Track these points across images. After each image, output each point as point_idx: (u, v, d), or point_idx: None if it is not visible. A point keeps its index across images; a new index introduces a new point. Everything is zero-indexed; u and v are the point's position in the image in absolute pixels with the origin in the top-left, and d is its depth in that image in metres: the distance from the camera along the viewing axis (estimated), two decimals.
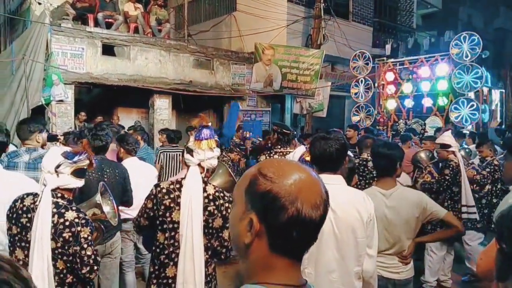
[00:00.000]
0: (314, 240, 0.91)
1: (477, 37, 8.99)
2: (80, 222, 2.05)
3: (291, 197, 0.84)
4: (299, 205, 0.83)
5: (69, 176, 2.09)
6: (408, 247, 2.58)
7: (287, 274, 0.89)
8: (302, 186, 0.85)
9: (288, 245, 0.88)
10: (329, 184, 2.03)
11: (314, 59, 10.70)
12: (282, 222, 0.84)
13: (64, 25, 7.95)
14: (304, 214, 0.83)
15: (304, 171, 0.89)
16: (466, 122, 9.21)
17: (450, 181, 4.38)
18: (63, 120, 7.92)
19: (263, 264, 0.89)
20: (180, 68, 9.62)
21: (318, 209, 0.85)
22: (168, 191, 2.36)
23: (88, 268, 2.05)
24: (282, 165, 0.91)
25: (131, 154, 3.88)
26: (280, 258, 0.88)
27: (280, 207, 0.84)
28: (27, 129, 3.15)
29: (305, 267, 2.01)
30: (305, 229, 0.85)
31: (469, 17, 21.79)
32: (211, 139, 2.36)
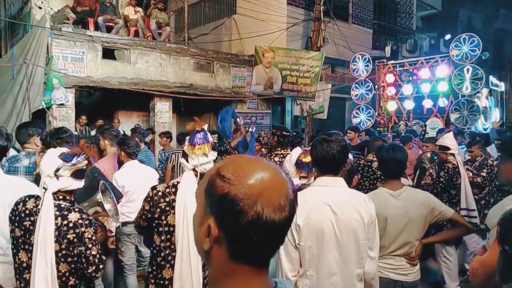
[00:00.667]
0: (279, 244, 0.84)
1: (477, 39, 9.00)
2: (84, 223, 2.07)
3: (250, 199, 0.77)
4: (259, 208, 0.77)
5: (69, 178, 2.10)
6: (416, 248, 2.59)
7: (251, 282, 0.83)
8: (263, 187, 0.79)
9: (249, 252, 0.81)
10: (330, 186, 2.07)
11: (314, 61, 10.72)
12: (241, 227, 0.78)
13: (65, 29, 7.97)
14: (265, 218, 0.77)
15: (268, 170, 0.82)
16: (467, 123, 9.21)
17: (444, 183, 4.33)
18: (64, 124, 7.91)
19: (225, 272, 0.84)
20: (180, 71, 9.63)
21: (282, 211, 0.79)
22: (164, 194, 2.37)
23: (94, 268, 2.07)
24: (244, 164, 0.83)
25: (132, 158, 3.88)
26: (242, 266, 0.82)
27: (239, 211, 0.77)
28: (25, 133, 3.16)
29: (307, 269, 2.01)
30: (267, 233, 0.79)
31: (469, 18, 21.81)
32: (204, 144, 2.35)
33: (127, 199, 3.80)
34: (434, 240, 3.21)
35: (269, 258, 0.86)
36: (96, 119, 8.62)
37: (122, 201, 3.78)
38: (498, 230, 1.21)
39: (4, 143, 2.64)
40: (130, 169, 3.81)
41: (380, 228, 2.52)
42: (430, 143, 5.56)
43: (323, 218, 1.99)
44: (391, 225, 2.53)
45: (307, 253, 2.00)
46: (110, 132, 4.25)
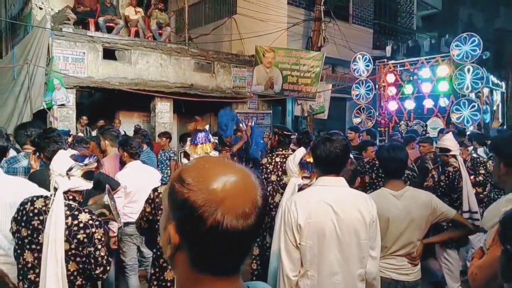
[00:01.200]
0: (245, 251, 0.79)
1: (478, 38, 8.99)
2: (94, 223, 2.09)
3: (210, 206, 0.73)
4: (219, 215, 0.72)
5: (79, 179, 2.13)
6: (417, 248, 2.60)
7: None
8: (226, 193, 0.74)
9: (212, 260, 0.77)
10: (331, 186, 2.07)
11: (315, 61, 10.72)
12: (201, 234, 0.74)
13: (65, 30, 7.98)
14: (226, 225, 0.72)
15: (234, 174, 0.77)
16: (468, 123, 9.20)
17: (445, 188, 4.26)
18: (64, 124, 7.93)
19: (188, 280, 0.80)
20: (181, 72, 9.64)
21: (246, 218, 0.74)
22: None
23: (101, 269, 2.09)
24: (208, 167, 0.78)
25: (135, 158, 3.88)
26: (205, 275, 0.78)
27: (198, 218, 0.73)
28: (24, 133, 3.15)
29: (308, 269, 2.01)
30: (229, 241, 0.74)
31: (469, 17, 21.80)
32: (206, 143, 2.36)
33: (130, 199, 3.80)
34: (435, 240, 3.21)
35: (236, 266, 0.80)
36: (97, 120, 8.62)
37: (125, 202, 3.78)
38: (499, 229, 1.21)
39: (4, 144, 2.65)
40: (132, 170, 3.81)
41: (382, 228, 2.52)
42: (427, 143, 5.48)
43: (324, 217, 1.99)
44: (393, 226, 2.53)
45: (308, 253, 2.00)
46: (110, 132, 4.25)
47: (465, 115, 9.18)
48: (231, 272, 0.80)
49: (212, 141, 2.44)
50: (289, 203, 2.06)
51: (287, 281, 2.01)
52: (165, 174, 6.28)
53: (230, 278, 0.80)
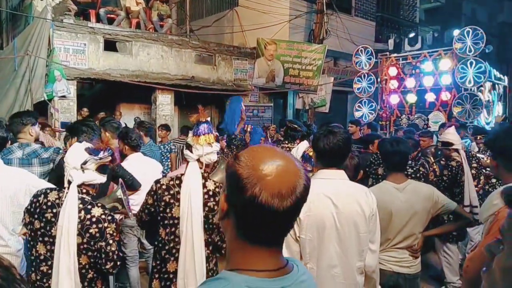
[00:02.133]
0: (283, 229, 0.90)
1: (481, 32, 8.93)
2: (106, 218, 2.09)
3: (252, 180, 0.84)
4: (257, 190, 0.83)
5: (94, 172, 2.12)
6: (418, 241, 2.62)
7: (259, 259, 0.89)
8: (268, 173, 0.84)
9: (251, 230, 0.88)
10: (331, 179, 2.06)
11: (317, 54, 10.67)
12: (242, 205, 0.85)
13: (66, 21, 7.94)
14: (261, 200, 0.82)
15: (281, 160, 0.87)
16: (469, 117, 9.17)
17: (447, 182, 4.26)
18: (65, 116, 7.93)
19: (233, 245, 0.92)
20: (182, 64, 9.60)
21: (282, 198, 0.83)
22: (168, 187, 2.36)
23: (112, 264, 2.09)
24: (260, 151, 0.91)
25: (136, 150, 3.87)
26: (246, 242, 0.89)
27: (240, 189, 0.84)
28: (20, 122, 3.13)
29: (307, 262, 2.01)
30: (264, 216, 0.84)
31: (473, 11, 21.65)
32: (209, 134, 2.35)
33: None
34: (435, 233, 3.22)
35: (275, 240, 0.91)
36: (98, 112, 8.61)
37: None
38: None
39: (4, 134, 2.64)
40: (133, 162, 3.80)
41: (385, 221, 2.53)
42: (427, 137, 5.46)
43: (324, 210, 1.99)
44: (396, 219, 2.55)
45: (308, 245, 2.00)
46: (111, 124, 4.23)
47: (467, 109, 9.15)
48: (270, 244, 0.90)
49: (214, 133, 2.44)
50: None
51: None
52: (165, 167, 6.26)
53: (270, 248, 0.90)
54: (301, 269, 0.97)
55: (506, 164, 1.84)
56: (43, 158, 3.07)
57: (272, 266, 0.90)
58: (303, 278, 0.95)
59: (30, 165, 2.96)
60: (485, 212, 1.85)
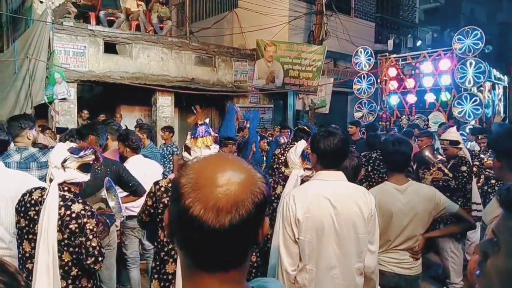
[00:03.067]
0: (230, 254, 0.74)
1: (480, 32, 8.93)
2: (86, 214, 2.10)
3: (187, 189, 0.71)
4: (189, 201, 0.70)
5: (75, 171, 2.16)
6: (419, 242, 2.61)
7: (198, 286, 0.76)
8: (207, 182, 0.71)
9: (188, 251, 0.75)
10: (330, 181, 2.07)
11: (316, 55, 10.68)
12: (176, 217, 0.74)
13: (66, 24, 7.97)
14: (192, 212, 0.70)
15: (230, 170, 0.73)
16: (469, 117, 9.17)
17: (467, 178, 4.20)
18: (66, 118, 7.95)
19: (184, 274, 0.79)
20: (182, 66, 9.62)
21: (218, 214, 0.69)
22: (167, 189, 2.37)
23: (93, 259, 2.10)
24: (211, 159, 0.78)
25: (136, 152, 3.88)
26: (193, 268, 0.76)
27: (175, 198, 0.73)
28: (17, 125, 3.12)
29: (306, 263, 2.02)
30: (198, 234, 0.70)
31: (472, 11, 21.65)
32: (206, 136, 2.36)
33: None
34: (436, 235, 3.22)
35: (224, 265, 0.74)
36: (98, 114, 8.63)
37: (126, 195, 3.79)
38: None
39: (5, 137, 2.65)
40: (134, 164, 3.81)
41: (386, 222, 2.53)
42: (425, 137, 5.45)
43: (322, 212, 1.99)
44: (396, 220, 2.54)
45: (307, 247, 2.00)
46: (111, 126, 4.24)
47: (467, 109, 9.15)
48: (218, 270, 0.74)
49: (213, 135, 2.44)
50: (287, 198, 2.07)
51: (286, 276, 2.02)
52: (167, 169, 6.27)
53: (222, 277, 0.75)
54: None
55: (510, 164, 1.82)
56: (41, 161, 3.07)
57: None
58: None
59: (28, 169, 2.97)
60: (490, 214, 1.84)
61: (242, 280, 0.78)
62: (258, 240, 0.77)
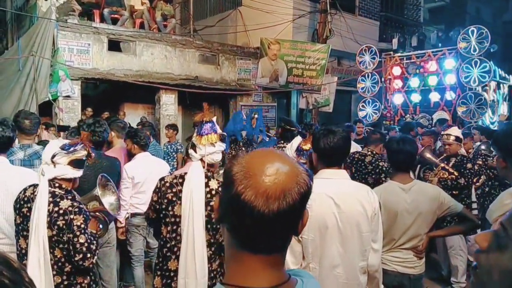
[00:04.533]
0: (274, 238, 0.81)
1: (485, 31, 8.88)
2: (73, 210, 2.10)
3: (239, 177, 0.78)
4: (242, 187, 0.77)
5: (66, 167, 2.15)
6: (423, 241, 2.60)
7: (252, 272, 0.82)
8: (258, 172, 0.77)
9: (238, 234, 0.81)
10: (333, 179, 2.06)
11: (320, 53, 10.65)
12: (227, 202, 0.80)
13: (70, 21, 7.98)
14: (244, 198, 0.76)
15: (278, 162, 0.80)
16: (474, 117, 9.13)
17: (473, 175, 4.25)
18: (70, 116, 7.97)
19: (230, 255, 0.86)
20: (186, 64, 9.62)
21: (267, 200, 0.76)
22: (171, 185, 2.38)
23: (80, 256, 2.08)
24: (260, 152, 0.86)
25: (144, 150, 3.90)
26: (239, 250, 0.82)
27: (228, 185, 0.80)
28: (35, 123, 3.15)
29: (310, 262, 2.01)
30: (249, 218, 0.77)
31: (477, 10, 21.52)
32: (211, 134, 2.35)
33: (137, 190, 3.81)
34: (440, 234, 3.21)
35: (268, 247, 0.82)
36: (102, 111, 8.64)
37: (132, 192, 3.80)
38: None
39: (10, 134, 2.66)
40: (140, 161, 3.82)
41: (390, 221, 2.52)
42: (428, 136, 5.42)
43: (326, 210, 1.98)
44: (401, 219, 2.53)
45: (310, 246, 2.00)
46: (117, 124, 4.25)
47: (472, 108, 9.11)
48: (262, 252, 0.82)
49: (219, 133, 2.42)
50: None
51: None
52: (171, 166, 6.27)
53: (265, 258, 0.82)
54: (306, 285, 0.88)
55: None
56: None
57: (267, 282, 0.81)
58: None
59: (32, 166, 2.97)
60: (495, 212, 1.82)
61: (281, 264, 0.86)
62: (298, 229, 0.85)
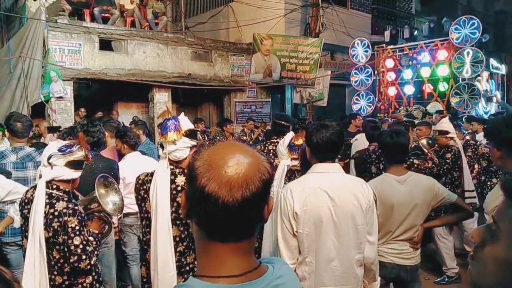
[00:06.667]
0: (240, 226, 0.84)
1: (477, 21, 8.92)
2: (67, 212, 2.09)
3: (201, 170, 0.81)
4: (205, 180, 0.79)
5: (63, 168, 2.16)
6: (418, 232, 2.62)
7: (222, 261, 0.85)
8: (220, 164, 0.80)
9: (206, 225, 0.84)
10: (327, 173, 2.07)
11: (313, 48, 10.64)
12: (192, 196, 0.83)
13: (60, 21, 7.90)
14: (208, 190, 0.79)
15: (239, 153, 0.83)
16: (467, 107, 9.17)
17: (451, 165, 4.38)
18: (63, 117, 7.91)
19: (200, 248, 0.88)
20: (178, 61, 9.58)
21: (231, 189, 0.78)
22: (143, 182, 2.44)
23: (75, 258, 2.08)
24: (220, 145, 0.88)
25: (134, 149, 3.88)
26: (208, 240, 0.85)
27: (192, 179, 0.82)
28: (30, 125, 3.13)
29: (306, 256, 2.02)
30: (214, 209, 0.79)
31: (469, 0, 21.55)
32: (170, 131, 2.34)
33: (129, 190, 3.79)
34: (435, 224, 3.24)
35: (235, 235, 0.84)
36: (95, 112, 8.59)
37: (124, 193, 3.78)
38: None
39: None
40: (131, 161, 3.81)
41: (386, 213, 2.54)
42: (424, 126, 5.51)
43: (320, 204, 1.99)
44: (397, 211, 2.56)
45: (306, 240, 2.00)
46: (110, 123, 4.24)
47: (465, 99, 9.15)
48: (230, 240, 0.84)
49: (184, 129, 2.38)
50: (284, 191, 2.07)
51: None
52: None
53: (233, 246, 0.85)
54: (277, 272, 0.90)
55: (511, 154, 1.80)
56: (37, 161, 3.06)
57: (237, 270, 0.84)
58: (278, 282, 0.88)
59: (25, 169, 2.96)
60: (491, 203, 1.83)
61: (250, 251, 0.88)
62: (264, 216, 0.88)
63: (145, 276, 2.45)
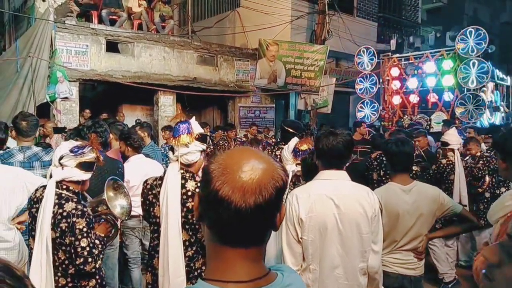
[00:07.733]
0: (252, 232, 0.83)
1: (483, 32, 8.91)
2: (76, 213, 2.08)
3: (216, 174, 0.81)
4: (219, 183, 0.79)
5: (74, 169, 2.15)
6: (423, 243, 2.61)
7: (232, 266, 0.84)
8: (235, 168, 0.80)
9: (217, 229, 0.84)
10: (333, 180, 2.06)
11: (319, 55, 10.66)
12: (205, 199, 0.83)
13: (68, 22, 7.96)
14: (222, 194, 0.79)
15: (254, 159, 0.83)
16: (472, 118, 9.14)
17: (432, 176, 4.44)
18: (68, 117, 7.95)
19: (210, 251, 0.88)
20: (184, 65, 9.61)
21: (244, 195, 0.78)
22: (152, 187, 2.42)
23: (82, 260, 2.07)
24: (236, 150, 0.90)
25: (138, 151, 3.87)
26: (218, 245, 0.85)
27: (206, 182, 0.82)
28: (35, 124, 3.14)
29: (310, 263, 2.01)
30: (227, 213, 0.79)
31: (475, 11, 21.58)
32: (183, 134, 2.32)
33: (132, 193, 3.77)
34: (440, 235, 3.22)
35: (246, 241, 0.84)
36: (100, 113, 8.62)
37: None
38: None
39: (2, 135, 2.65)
40: (135, 163, 3.81)
41: (392, 223, 2.52)
42: (422, 137, 5.48)
43: (326, 211, 1.98)
44: (403, 220, 2.53)
45: (310, 247, 1.99)
46: (116, 126, 4.24)
47: (470, 109, 9.12)
48: (240, 245, 0.84)
49: (196, 133, 2.37)
50: (290, 198, 2.06)
51: None
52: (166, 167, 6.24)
53: (244, 252, 0.84)
54: (286, 280, 0.89)
55: None
56: (44, 160, 3.06)
57: (246, 276, 0.84)
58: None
59: (32, 168, 2.96)
60: (496, 213, 1.81)
61: (260, 257, 0.88)
62: (276, 223, 0.87)
63: (150, 282, 2.43)
